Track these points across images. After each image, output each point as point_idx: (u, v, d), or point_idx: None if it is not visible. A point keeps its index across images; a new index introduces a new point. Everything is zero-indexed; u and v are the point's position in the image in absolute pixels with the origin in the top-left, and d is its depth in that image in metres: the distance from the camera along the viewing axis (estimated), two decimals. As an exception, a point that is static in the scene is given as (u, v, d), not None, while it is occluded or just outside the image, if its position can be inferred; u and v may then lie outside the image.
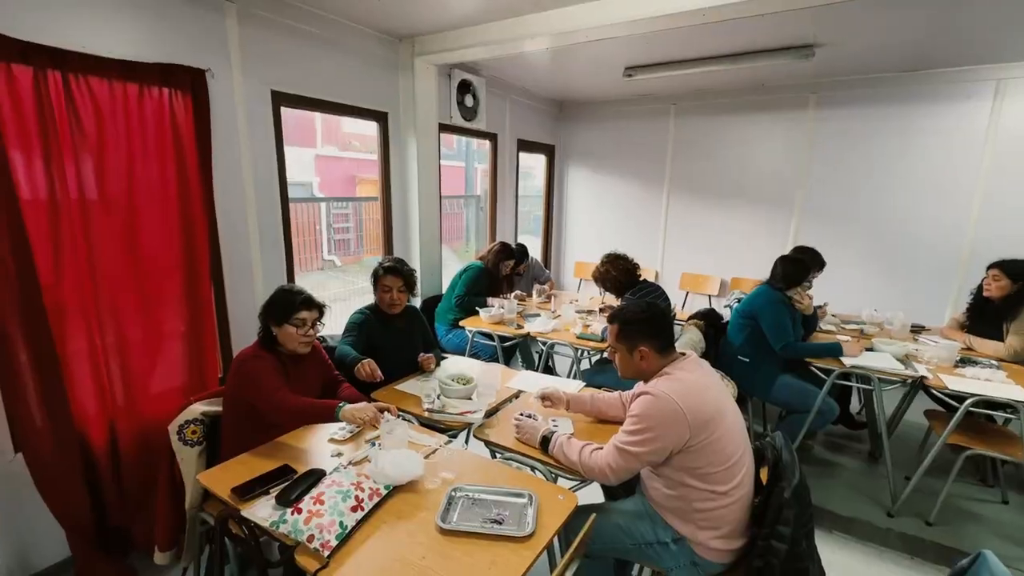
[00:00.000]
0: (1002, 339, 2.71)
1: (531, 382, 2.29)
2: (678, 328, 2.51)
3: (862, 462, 3.02)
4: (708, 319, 3.10)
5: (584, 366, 3.61)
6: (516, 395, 2.17)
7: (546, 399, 1.95)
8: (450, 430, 1.91)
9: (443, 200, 3.97)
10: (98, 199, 1.97)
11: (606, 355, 2.79)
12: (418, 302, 3.67)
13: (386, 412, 1.68)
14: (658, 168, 5.17)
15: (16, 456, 1.90)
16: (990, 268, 2.81)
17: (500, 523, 1.31)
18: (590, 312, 3.45)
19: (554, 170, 5.76)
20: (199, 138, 2.25)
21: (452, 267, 4.04)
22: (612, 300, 3.32)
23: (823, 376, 2.64)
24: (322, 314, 1.91)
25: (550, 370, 3.53)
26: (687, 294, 5.15)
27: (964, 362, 2.58)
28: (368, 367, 2.07)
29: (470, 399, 2.03)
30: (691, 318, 3.13)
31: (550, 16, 2.71)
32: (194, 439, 1.79)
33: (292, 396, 1.71)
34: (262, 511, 1.33)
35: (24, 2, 1.78)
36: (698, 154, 4.95)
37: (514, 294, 3.83)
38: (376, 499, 1.37)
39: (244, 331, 2.59)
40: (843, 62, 3.69)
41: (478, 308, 3.34)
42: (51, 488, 1.90)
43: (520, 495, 1.41)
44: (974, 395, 2.24)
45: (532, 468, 1.70)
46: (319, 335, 1.97)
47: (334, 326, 2.63)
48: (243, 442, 1.70)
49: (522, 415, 1.79)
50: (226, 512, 1.39)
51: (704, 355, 2.80)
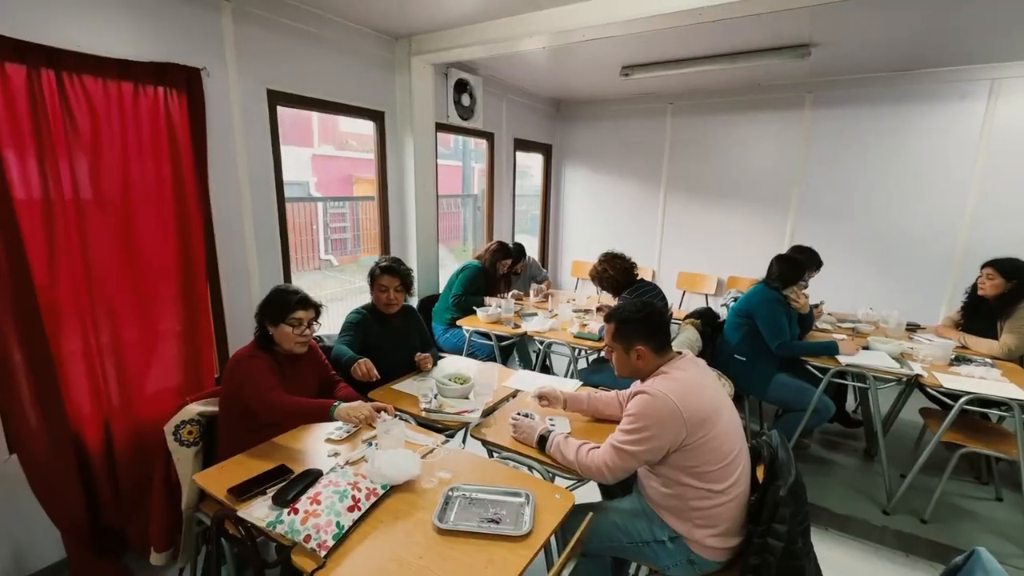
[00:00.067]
0: (996, 337, 2.74)
1: (528, 381, 2.30)
2: (675, 327, 2.52)
3: (858, 460, 3.04)
4: (705, 318, 3.11)
5: (581, 365, 3.60)
6: (513, 394, 2.17)
7: (543, 398, 1.95)
8: (447, 429, 1.91)
9: (440, 199, 3.96)
10: (93, 199, 1.96)
11: (603, 354, 2.80)
12: (415, 301, 3.66)
13: (383, 412, 1.68)
14: (655, 167, 5.18)
15: (11, 457, 1.89)
16: (984, 267, 2.83)
17: (497, 522, 1.31)
18: (587, 311, 3.45)
19: (551, 169, 5.76)
20: (194, 137, 2.23)
21: (449, 266, 4.05)
22: (609, 299, 3.32)
23: (819, 375, 2.66)
24: (318, 314, 1.91)
25: (547, 369, 3.54)
26: (684, 293, 5.16)
27: (959, 360, 2.60)
28: (364, 366, 2.07)
29: (467, 398, 2.03)
30: (688, 317, 3.13)
31: (547, 15, 2.71)
32: (190, 439, 1.78)
33: (287, 396, 1.70)
34: (259, 511, 1.33)
35: (19, 1, 1.76)
36: (695, 153, 4.95)
37: (511, 293, 3.83)
38: (373, 499, 1.37)
39: (240, 331, 2.59)
40: (839, 62, 3.70)
41: (475, 307, 3.34)
42: (46, 489, 1.90)
43: (517, 494, 1.41)
44: (969, 393, 2.25)
45: (529, 467, 1.70)
46: (315, 335, 1.97)
47: (331, 326, 2.61)
48: (239, 442, 1.70)
49: (519, 414, 1.79)
50: (222, 512, 1.38)
51: (700, 354, 2.81)
